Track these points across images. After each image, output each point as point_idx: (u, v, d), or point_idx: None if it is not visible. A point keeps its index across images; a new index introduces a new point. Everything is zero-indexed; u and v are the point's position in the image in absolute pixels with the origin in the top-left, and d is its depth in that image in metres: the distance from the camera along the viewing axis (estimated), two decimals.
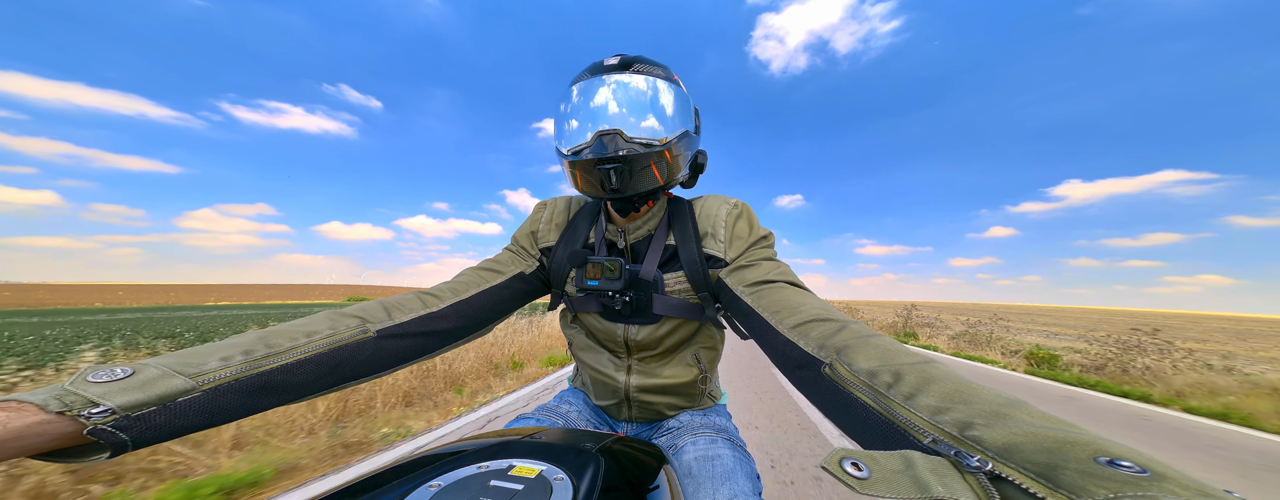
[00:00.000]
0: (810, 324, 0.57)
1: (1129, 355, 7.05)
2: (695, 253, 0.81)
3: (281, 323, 0.61)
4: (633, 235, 0.87)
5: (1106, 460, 0.24)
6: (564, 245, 0.90)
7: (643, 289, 0.84)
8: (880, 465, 0.27)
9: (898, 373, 0.41)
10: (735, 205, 0.85)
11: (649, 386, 0.92)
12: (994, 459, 0.28)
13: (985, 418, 0.32)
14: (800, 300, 0.64)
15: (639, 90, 0.76)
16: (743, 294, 0.72)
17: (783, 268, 0.76)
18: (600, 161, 0.72)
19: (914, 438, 0.35)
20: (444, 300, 0.76)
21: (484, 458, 0.54)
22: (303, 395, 0.57)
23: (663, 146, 0.75)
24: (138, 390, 0.41)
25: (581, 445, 0.62)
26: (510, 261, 0.90)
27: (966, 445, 0.30)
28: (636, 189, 0.77)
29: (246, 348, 0.52)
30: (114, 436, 0.39)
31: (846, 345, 0.49)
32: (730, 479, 0.73)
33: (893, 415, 0.38)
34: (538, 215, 0.96)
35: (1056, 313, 77.19)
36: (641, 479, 0.64)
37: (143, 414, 0.41)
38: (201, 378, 0.46)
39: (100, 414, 0.38)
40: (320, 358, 0.57)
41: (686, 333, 0.90)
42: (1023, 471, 0.26)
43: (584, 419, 1.01)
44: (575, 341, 1.00)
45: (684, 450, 0.84)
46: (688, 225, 0.84)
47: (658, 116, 0.77)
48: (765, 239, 0.83)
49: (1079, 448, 0.25)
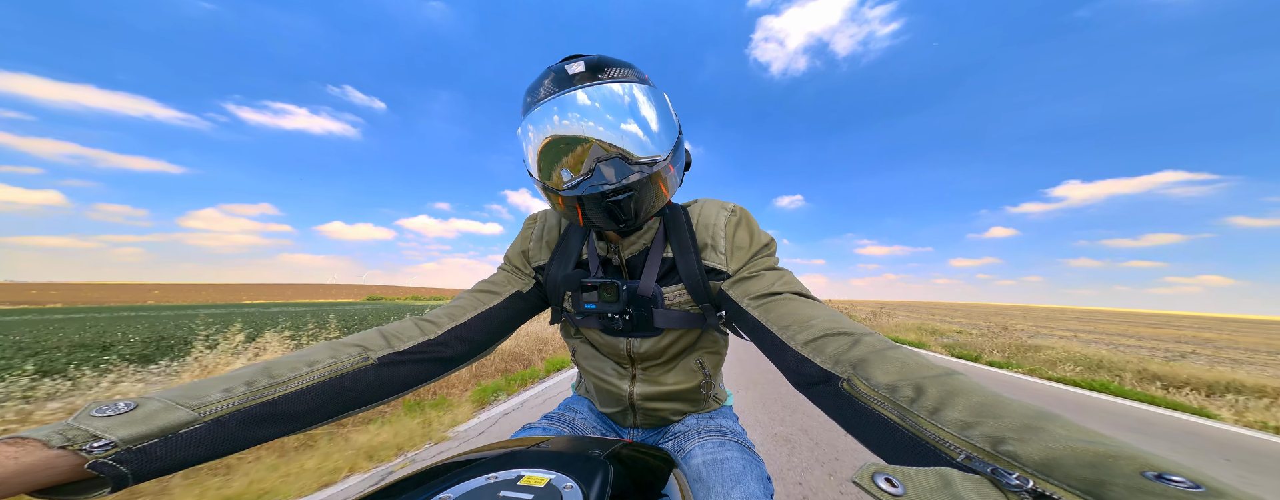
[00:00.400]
0: (824, 339, 0.54)
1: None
2: (695, 265, 0.78)
3: (284, 355, 0.61)
4: (628, 251, 0.83)
5: (1155, 475, 0.23)
6: (557, 265, 0.86)
7: (642, 304, 0.81)
8: (915, 482, 0.26)
9: (919, 386, 0.39)
10: (733, 211, 0.81)
11: (653, 394, 0.91)
12: (1034, 476, 0.26)
13: (1018, 432, 0.30)
14: (810, 313, 0.61)
15: (625, 100, 0.69)
16: (749, 308, 0.69)
17: (787, 277, 0.73)
18: (612, 193, 0.66)
19: (945, 455, 0.33)
20: (442, 326, 0.74)
21: (492, 468, 0.54)
22: (306, 424, 0.56)
23: (665, 162, 0.71)
24: (140, 423, 0.41)
25: (589, 452, 0.61)
26: (506, 281, 0.88)
27: (1002, 461, 0.29)
28: (649, 214, 0.73)
29: (248, 379, 0.52)
30: (114, 470, 0.39)
31: (863, 359, 0.47)
32: (741, 481, 0.72)
33: (919, 431, 0.36)
34: (528, 232, 0.93)
35: (1049, 314, 75.69)
36: (651, 484, 0.64)
37: (144, 447, 0.41)
38: (204, 409, 0.46)
39: (102, 448, 0.38)
40: (323, 386, 0.57)
41: (689, 341, 0.88)
42: (1068, 489, 0.24)
43: (590, 426, 1.00)
44: (578, 351, 0.99)
45: (692, 454, 0.82)
46: (685, 235, 0.80)
47: (653, 129, 0.71)
48: (767, 247, 0.79)
49: (1123, 462, 0.24)
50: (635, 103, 0.69)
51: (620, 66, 0.71)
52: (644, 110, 0.70)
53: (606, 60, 0.71)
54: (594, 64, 0.69)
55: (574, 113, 0.67)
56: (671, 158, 0.72)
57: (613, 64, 0.70)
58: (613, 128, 0.67)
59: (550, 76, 0.69)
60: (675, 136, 0.74)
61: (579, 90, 0.67)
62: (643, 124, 0.69)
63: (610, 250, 0.85)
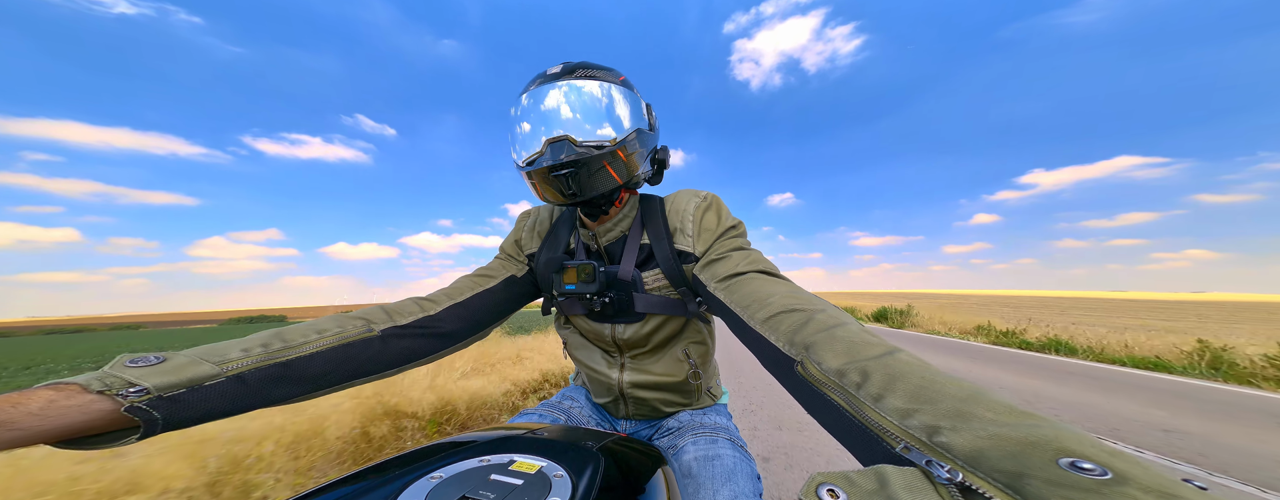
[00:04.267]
0: (778, 317, 0.55)
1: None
2: (668, 249, 0.82)
3: (294, 324, 0.65)
4: (605, 237, 0.88)
5: (1069, 462, 0.24)
6: (546, 252, 0.92)
7: (622, 289, 0.85)
8: (856, 486, 0.27)
9: (865, 371, 0.40)
10: (704, 197, 0.86)
11: (642, 383, 0.93)
12: (963, 469, 0.27)
13: (950, 419, 0.31)
14: (769, 290, 0.62)
15: (587, 94, 0.77)
16: (716, 291, 0.71)
17: (754, 256, 0.75)
18: (554, 168, 0.73)
19: (887, 443, 0.35)
20: (440, 304, 0.79)
21: (486, 451, 0.55)
22: (318, 387, 0.61)
23: (615, 147, 0.76)
24: (170, 374, 0.45)
25: (582, 443, 0.62)
26: (501, 267, 0.93)
27: (936, 452, 0.30)
28: (596, 191, 0.78)
29: (264, 341, 0.56)
30: (148, 414, 0.43)
31: (813, 342, 0.48)
32: (731, 479, 0.73)
33: (865, 419, 0.38)
34: (521, 224, 0.99)
35: (1083, 302, 70.10)
36: (640, 479, 0.65)
37: (175, 395, 0.45)
38: (226, 365, 0.50)
39: (137, 393, 0.42)
40: (332, 352, 0.61)
41: (673, 329, 0.90)
42: (991, 482, 0.26)
43: (586, 416, 1.02)
44: (570, 342, 1.02)
45: (684, 450, 0.84)
46: (659, 222, 0.85)
47: (607, 118, 0.77)
48: (734, 228, 0.82)
49: (1041, 449, 0.25)
50: (593, 97, 0.78)
51: (596, 69, 0.81)
52: (598, 103, 0.78)
53: (586, 64, 0.81)
54: (572, 67, 0.80)
55: (538, 103, 0.78)
56: (627, 146, 0.79)
57: (588, 67, 0.80)
58: (567, 114, 0.77)
59: (535, 77, 0.81)
60: (634, 130, 0.81)
61: (548, 86, 0.78)
62: (593, 114, 0.77)
63: (591, 238, 0.90)
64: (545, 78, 0.79)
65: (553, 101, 0.77)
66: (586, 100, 0.77)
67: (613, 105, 0.79)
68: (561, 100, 0.77)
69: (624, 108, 0.80)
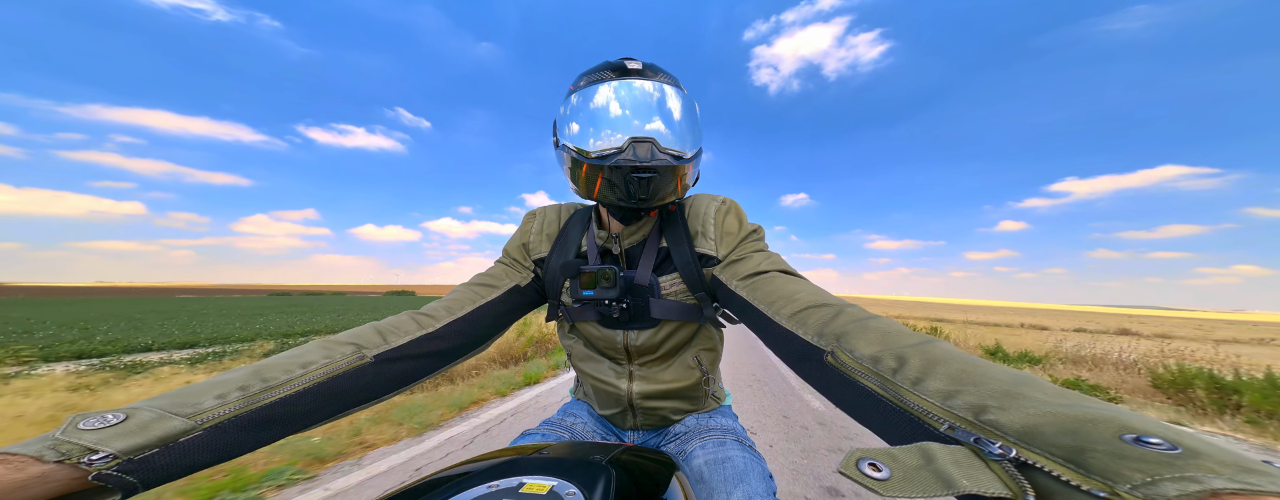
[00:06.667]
0: (806, 311, 0.55)
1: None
2: (688, 253, 0.80)
3: (274, 355, 0.59)
4: (627, 241, 0.86)
5: (1133, 437, 0.22)
6: (557, 255, 0.88)
7: (639, 294, 0.83)
8: (899, 462, 0.26)
9: (901, 356, 0.39)
10: (723, 202, 0.85)
11: (652, 392, 0.91)
12: (1016, 444, 0.26)
13: (998, 399, 0.30)
14: (795, 288, 0.62)
15: (676, 102, 0.76)
16: (738, 289, 0.70)
17: (774, 257, 0.74)
18: (635, 169, 0.70)
19: (929, 425, 0.33)
20: (439, 320, 0.74)
21: (493, 477, 0.53)
22: (307, 425, 0.56)
23: (688, 160, 0.76)
24: (136, 434, 0.39)
25: (590, 458, 0.61)
26: (504, 275, 0.88)
27: (985, 431, 0.28)
28: (662, 200, 0.76)
29: (241, 384, 0.50)
30: (122, 480, 0.38)
31: (845, 331, 0.47)
32: (743, 480, 0.72)
33: (903, 402, 0.36)
34: (528, 226, 0.94)
35: (1165, 321, 63.03)
36: (654, 488, 0.63)
37: (146, 457, 0.39)
38: (200, 417, 0.44)
39: (101, 460, 0.37)
40: (319, 388, 0.56)
41: (686, 335, 0.89)
42: (1049, 456, 0.24)
43: (590, 430, 0.99)
44: (574, 352, 0.98)
45: (694, 455, 0.82)
46: (679, 226, 0.83)
47: (688, 131, 0.77)
48: (755, 232, 0.82)
49: (1102, 426, 0.24)
50: (676, 103, 0.77)
51: (668, 73, 0.80)
52: (680, 112, 0.77)
53: (660, 69, 0.80)
54: (650, 66, 0.78)
55: (627, 95, 0.74)
56: (693, 159, 0.78)
57: (665, 73, 0.79)
58: (653, 116, 0.74)
59: (610, 66, 0.77)
60: (699, 144, 0.80)
61: (635, 79, 0.75)
62: (677, 123, 0.76)
63: (609, 240, 0.87)
64: (626, 72, 0.75)
65: (641, 98, 0.74)
66: (673, 108, 0.76)
67: (694, 120, 0.79)
68: (650, 101, 0.74)
69: (695, 124, 0.79)
